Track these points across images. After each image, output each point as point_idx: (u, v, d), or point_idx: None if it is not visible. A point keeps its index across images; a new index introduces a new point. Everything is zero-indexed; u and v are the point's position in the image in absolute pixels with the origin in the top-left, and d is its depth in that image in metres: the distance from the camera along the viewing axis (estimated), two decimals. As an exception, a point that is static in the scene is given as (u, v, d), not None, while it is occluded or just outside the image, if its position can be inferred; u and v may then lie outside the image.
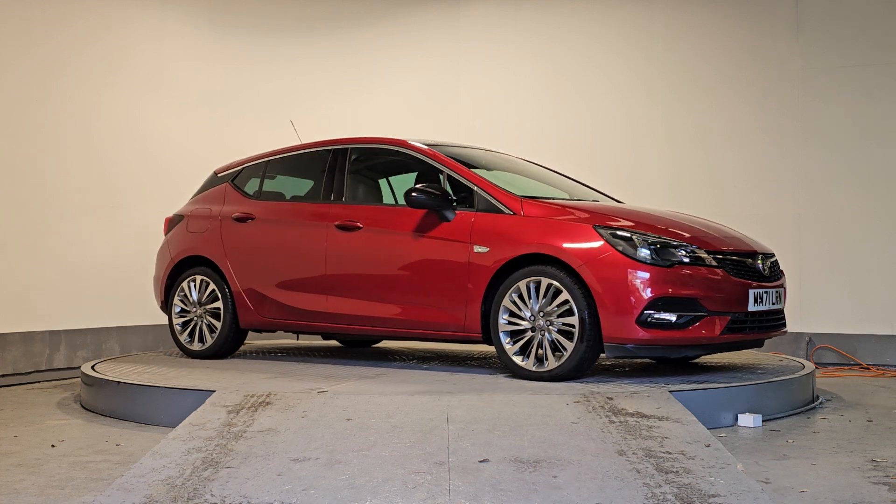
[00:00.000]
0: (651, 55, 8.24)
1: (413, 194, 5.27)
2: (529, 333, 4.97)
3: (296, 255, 5.87)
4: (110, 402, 5.25)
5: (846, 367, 7.40)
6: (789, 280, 6.40)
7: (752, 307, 5.03)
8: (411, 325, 5.44)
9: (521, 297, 4.97)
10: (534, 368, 4.95)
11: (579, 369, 4.90)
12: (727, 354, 6.33)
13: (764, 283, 5.17)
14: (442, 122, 8.40)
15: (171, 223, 6.64)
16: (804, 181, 7.79)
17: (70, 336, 7.23)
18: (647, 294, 4.72)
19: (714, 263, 4.93)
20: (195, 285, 6.27)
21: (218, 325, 6.15)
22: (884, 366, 7.37)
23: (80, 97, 7.44)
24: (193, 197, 6.71)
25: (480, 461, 3.51)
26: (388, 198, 6.12)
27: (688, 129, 8.13)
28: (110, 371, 5.57)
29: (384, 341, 7.30)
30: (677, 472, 3.38)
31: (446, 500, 3.14)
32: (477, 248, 5.14)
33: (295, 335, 7.53)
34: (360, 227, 5.61)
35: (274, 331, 6.28)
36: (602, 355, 4.98)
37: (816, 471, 3.82)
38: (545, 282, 4.90)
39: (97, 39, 7.60)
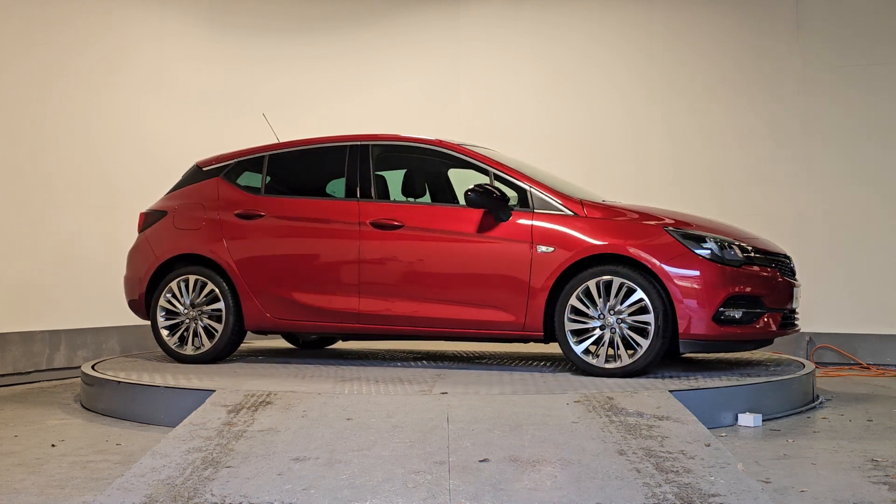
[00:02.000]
0: (651, 55, 8.24)
1: (470, 194, 5.29)
2: (599, 332, 5.09)
3: (320, 253, 5.70)
4: (110, 402, 5.25)
5: (846, 367, 7.41)
6: (789, 280, 6.41)
7: (793, 304, 5.42)
8: (463, 325, 5.39)
9: (587, 295, 5.09)
10: (605, 365, 5.10)
11: (651, 365, 5.07)
12: (726, 354, 6.33)
13: (796, 282, 5.54)
14: (442, 122, 8.40)
15: (149, 219, 6.27)
16: (805, 180, 7.80)
17: (70, 336, 7.23)
18: (722, 292, 4.99)
19: (771, 264, 5.29)
20: (186, 285, 5.92)
21: (216, 326, 5.86)
22: (884, 365, 7.37)
23: (80, 97, 7.44)
24: (172, 191, 6.34)
25: (480, 461, 3.51)
26: (423, 196, 5.95)
27: (688, 128, 8.13)
28: (110, 371, 5.56)
29: (340, 342, 7.23)
30: (677, 471, 3.38)
31: (446, 499, 3.14)
32: (541, 248, 5.20)
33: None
34: (400, 226, 5.51)
35: (284, 332, 6.12)
36: None
37: (816, 471, 3.82)
38: (617, 281, 5.03)
39: (97, 39, 7.60)
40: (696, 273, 4.99)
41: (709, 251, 5.06)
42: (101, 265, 7.43)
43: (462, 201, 5.52)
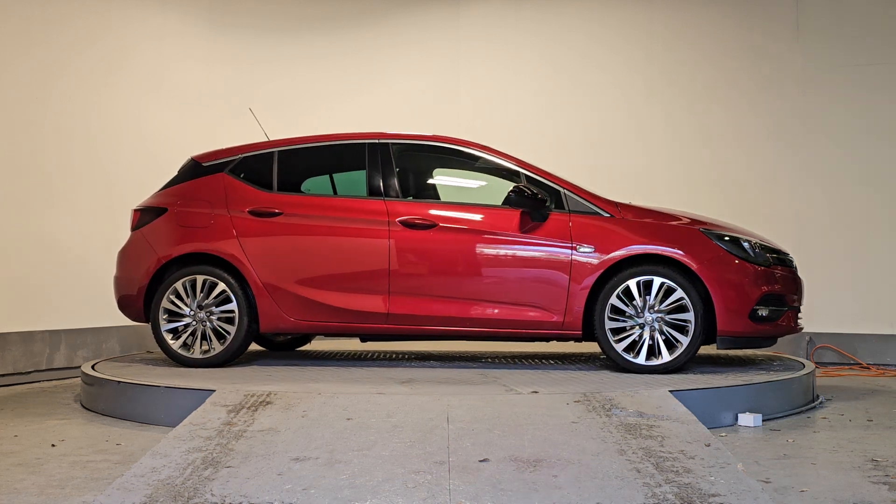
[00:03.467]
0: (651, 54, 8.24)
1: (512, 195, 5.37)
2: (638, 330, 5.26)
3: (346, 253, 5.57)
4: (110, 402, 5.24)
5: (846, 367, 7.41)
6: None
7: (802, 302, 5.71)
8: (501, 325, 5.43)
9: (627, 294, 5.26)
10: (645, 362, 5.26)
11: (689, 361, 5.29)
12: (725, 353, 6.34)
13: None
14: (442, 121, 8.38)
15: (146, 216, 5.96)
16: (805, 180, 7.80)
17: (70, 336, 7.23)
18: (757, 291, 5.27)
19: (788, 263, 5.58)
20: (192, 286, 5.65)
21: (227, 329, 5.61)
22: (884, 365, 7.37)
23: (80, 97, 7.44)
24: (168, 187, 6.05)
25: (480, 461, 3.51)
26: (450, 196, 5.93)
27: (689, 128, 8.14)
28: (110, 371, 5.56)
29: (315, 341, 7.20)
30: (677, 471, 3.38)
31: (446, 499, 3.14)
32: (581, 249, 5.32)
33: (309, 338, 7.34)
34: (433, 225, 5.48)
35: (303, 333, 5.94)
36: None
37: (816, 470, 3.82)
38: (658, 280, 5.22)
39: (97, 39, 7.60)
40: (735, 273, 5.25)
41: (744, 252, 5.33)
42: (102, 265, 7.41)
43: (479, 201, 5.63)
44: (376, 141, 5.81)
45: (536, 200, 5.35)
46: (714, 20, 8.13)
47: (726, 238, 5.35)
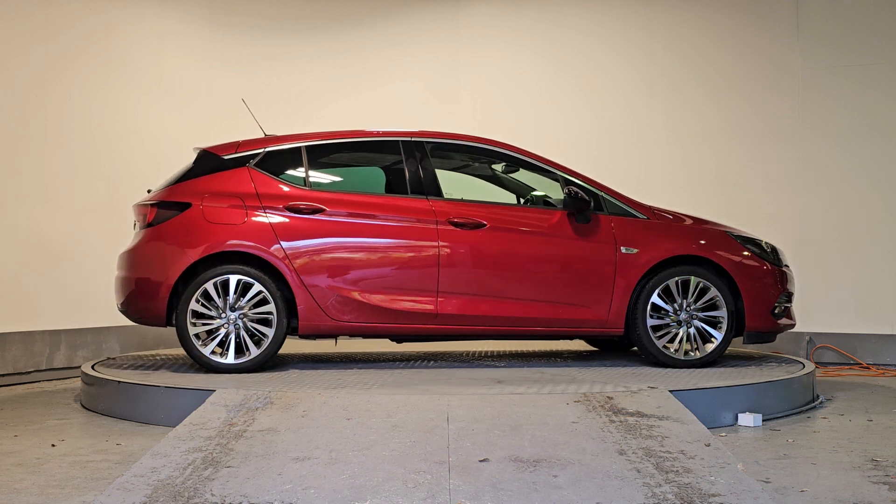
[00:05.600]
0: (652, 54, 8.25)
1: (567, 197, 5.52)
2: (674, 327, 5.55)
3: (394, 252, 5.47)
4: (110, 402, 5.25)
5: (846, 367, 7.41)
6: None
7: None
8: (547, 324, 5.54)
9: (667, 293, 5.52)
10: (683, 357, 5.55)
11: (722, 355, 5.70)
12: (725, 353, 6.35)
13: None
14: (442, 121, 8.38)
15: (165, 211, 5.54)
16: (806, 180, 7.80)
17: (70, 336, 7.22)
18: (778, 290, 5.69)
19: (786, 262, 5.93)
20: (224, 287, 5.31)
21: (266, 332, 5.34)
22: (884, 365, 7.37)
23: (80, 97, 7.43)
24: (182, 181, 5.66)
25: (480, 461, 3.51)
26: (489, 197, 5.92)
27: (690, 127, 8.14)
28: (110, 371, 5.56)
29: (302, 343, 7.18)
30: (677, 471, 3.38)
31: (446, 499, 3.14)
32: (625, 249, 5.53)
33: (333, 340, 7.19)
34: (483, 225, 5.50)
35: (342, 336, 5.71)
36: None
37: (816, 470, 3.82)
38: (694, 280, 5.53)
39: (97, 39, 7.61)
40: (760, 274, 5.63)
41: (764, 254, 5.72)
42: (102, 265, 7.41)
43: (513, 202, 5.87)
44: (411, 139, 5.74)
45: (585, 203, 5.52)
46: (714, 20, 8.13)
47: (749, 240, 5.70)
